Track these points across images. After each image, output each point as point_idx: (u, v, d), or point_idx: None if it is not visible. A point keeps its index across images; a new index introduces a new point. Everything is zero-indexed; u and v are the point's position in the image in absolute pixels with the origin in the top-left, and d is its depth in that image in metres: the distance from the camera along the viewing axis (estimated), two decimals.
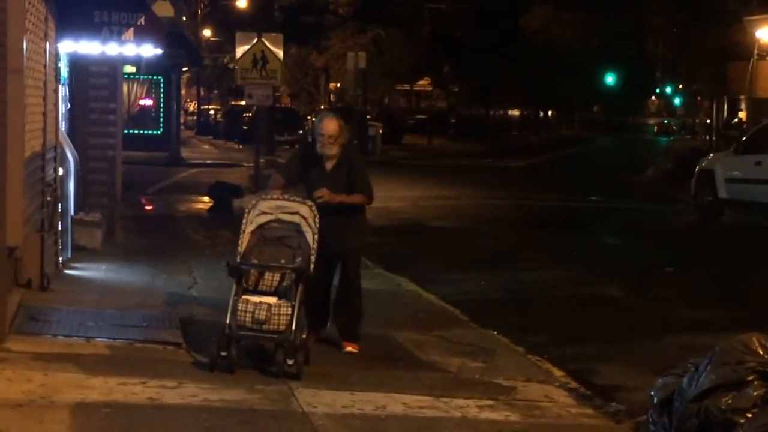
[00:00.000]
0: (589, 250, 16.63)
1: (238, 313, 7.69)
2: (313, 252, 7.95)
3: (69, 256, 12.19)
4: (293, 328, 7.62)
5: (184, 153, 37.91)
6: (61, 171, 11.62)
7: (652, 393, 4.79)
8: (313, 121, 39.54)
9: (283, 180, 8.58)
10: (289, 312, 7.66)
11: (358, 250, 8.88)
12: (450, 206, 22.89)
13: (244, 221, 8.06)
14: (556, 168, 38.29)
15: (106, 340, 8.37)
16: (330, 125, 8.51)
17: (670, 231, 19.92)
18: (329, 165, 8.56)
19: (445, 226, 19.53)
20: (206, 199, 20.76)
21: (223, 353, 7.57)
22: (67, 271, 11.58)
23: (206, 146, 49.03)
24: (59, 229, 11.30)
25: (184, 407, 6.70)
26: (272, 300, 7.80)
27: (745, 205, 20.26)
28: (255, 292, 7.93)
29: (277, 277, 7.99)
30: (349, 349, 8.61)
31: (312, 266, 7.92)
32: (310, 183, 8.57)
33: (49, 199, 10.57)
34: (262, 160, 25.35)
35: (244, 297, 7.79)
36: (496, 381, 8.08)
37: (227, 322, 7.67)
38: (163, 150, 35.07)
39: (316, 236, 7.96)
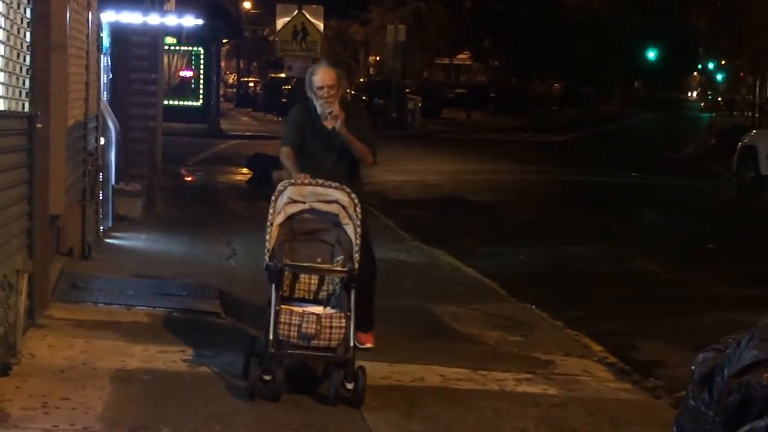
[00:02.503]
0: (629, 225, 16.54)
1: (281, 326, 6.29)
2: (356, 248, 6.55)
3: (110, 225, 12.29)
4: (350, 343, 6.34)
5: (224, 125, 37.99)
6: (102, 140, 11.69)
7: (692, 368, 4.73)
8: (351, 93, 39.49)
9: (294, 152, 7.32)
10: (343, 324, 6.33)
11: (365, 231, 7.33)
12: (488, 180, 22.82)
13: (270, 211, 6.60)
14: (596, 143, 38.04)
15: (146, 308, 8.43)
16: (327, 75, 7.25)
17: (711, 207, 19.77)
18: (329, 124, 7.36)
19: (483, 200, 19.47)
20: (245, 170, 20.81)
21: (267, 377, 6.22)
22: (107, 240, 11.68)
23: (245, 118, 49.09)
24: (100, 198, 11.39)
25: (222, 376, 6.74)
26: (319, 310, 6.49)
27: None
28: (291, 299, 6.66)
29: (315, 280, 6.80)
30: (368, 345, 7.61)
31: (357, 266, 6.54)
32: (309, 149, 7.38)
33: (90, 168, 10.64)
34: None
35: (284, 307, 6.38)
36: (534, 355, 8.05)
37: (270, 338, 6.25)
38: (203, 122, 35.18)
39: (359, 229, 6.58)
